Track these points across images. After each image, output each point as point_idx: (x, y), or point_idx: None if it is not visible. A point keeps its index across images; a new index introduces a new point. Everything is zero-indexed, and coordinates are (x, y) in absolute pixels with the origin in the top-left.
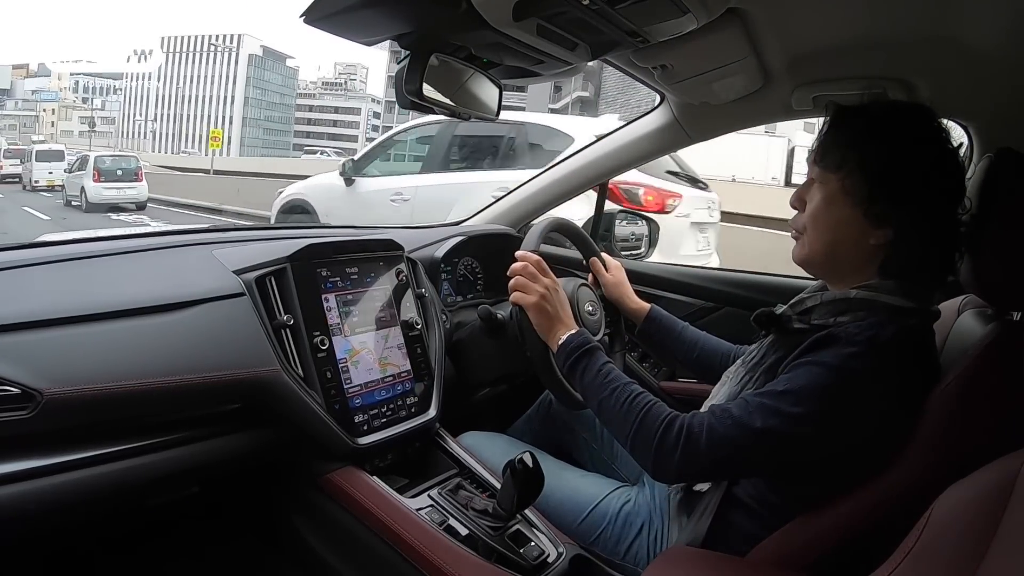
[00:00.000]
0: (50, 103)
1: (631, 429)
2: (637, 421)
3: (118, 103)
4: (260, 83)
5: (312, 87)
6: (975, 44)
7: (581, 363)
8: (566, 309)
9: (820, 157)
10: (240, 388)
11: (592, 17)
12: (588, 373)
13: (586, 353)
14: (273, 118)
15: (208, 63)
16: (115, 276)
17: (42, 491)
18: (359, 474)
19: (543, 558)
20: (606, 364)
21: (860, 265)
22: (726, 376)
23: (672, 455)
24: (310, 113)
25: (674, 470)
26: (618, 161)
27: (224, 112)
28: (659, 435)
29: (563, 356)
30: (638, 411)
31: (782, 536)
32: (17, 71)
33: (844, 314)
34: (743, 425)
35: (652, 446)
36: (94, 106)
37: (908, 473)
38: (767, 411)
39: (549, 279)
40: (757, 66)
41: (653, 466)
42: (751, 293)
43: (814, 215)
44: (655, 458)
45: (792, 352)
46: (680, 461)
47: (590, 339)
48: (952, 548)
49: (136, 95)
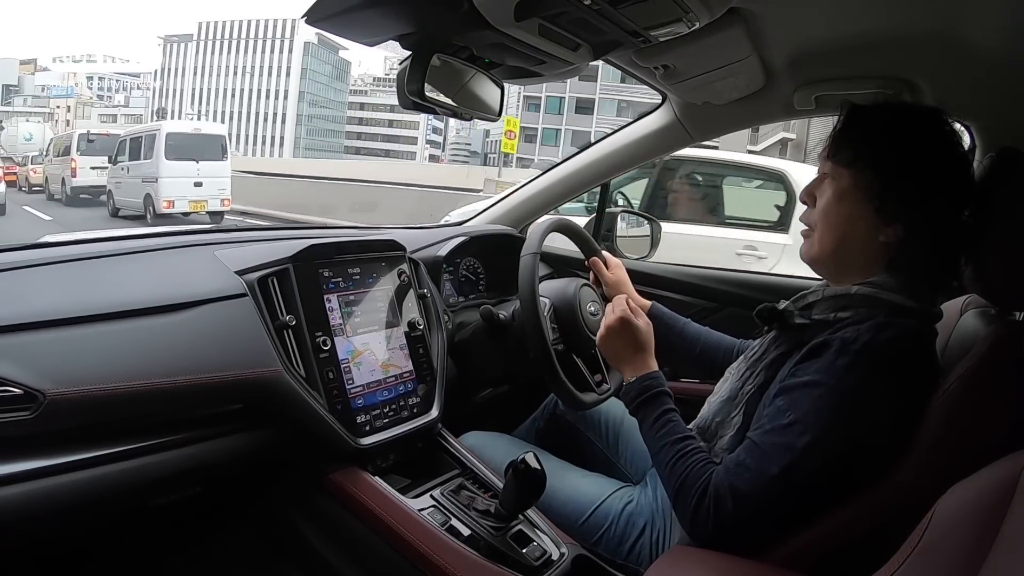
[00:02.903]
0: (64, 99)
1: (673, 492)
2: (677, 487)
3: (144, 99)
4: (315, 76)
5: (362, 83)
6: (978, 44)
7: (640, 412)
8: (636, 344)
9: (833, 152)
10: (242, 388)
11: (594, 17)
12: (645, 424)
13: (644, 403)
14: (326, 116)
15: (254, 53)
16: (117, 277)
17: (45, 492)
18: (361, 474)
19: (545, 558)
20: (662, 416)
21: (867, 263)
22: (728, 372)
23: (706, 525)
24: (361, 112)
25: (711, 537)
26: (619, 161)
27: (274, 108)
28: (694, 506)
29: (626, 401)
30: (679, 476)
31: (784, 535)
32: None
33: (845, 310)
34: (762, 475)
35: (688, 516)
36: (116, 103)
37: (911, 473)
38: (779, 451)
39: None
40: (759, 66)
41: (691, 534)
42: (754, 293)
43: (825, 210)
44: (691, 528)
45: (794, 350)
46: (714, 529)
47: (650, 387)
48: (955, 548)
49: (166, 90)
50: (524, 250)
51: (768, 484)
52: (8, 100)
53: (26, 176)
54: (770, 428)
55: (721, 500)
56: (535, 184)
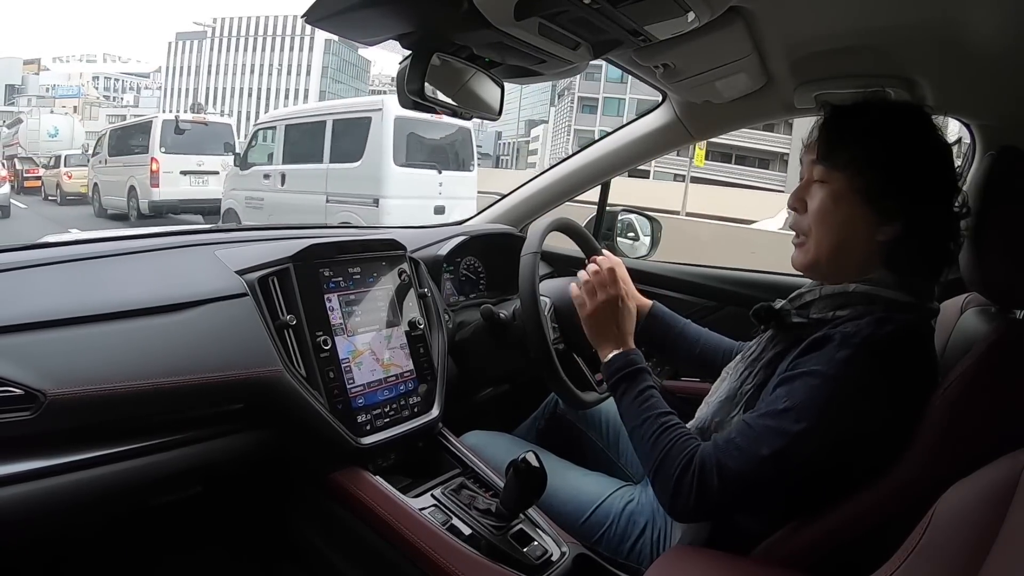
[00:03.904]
0: (70, 99)
1: (653, 465)
2: (659, 459)
3: (155, 99)
4: (336, 75)
5: (379, 83)
6: (978, 43)
7: (622, 385)
8: (624, 325)
9: (825, 155)
10: (243, 388)
11: (594, 16)
12: (627, 396)
13: (628, 376)
14: None
15: (272, 51)
16: (118, 277)
17: (46, 492)
18: (362, 474)
19: (546, 557)
20: (645, 390)
21: (865, 263)
22: (726, 372)
23: (688, 498)
24: None
25: (691, 511)
26: (620, 160)
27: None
28: (676, 477)
29: (607, 373)
30: (662, 448)
31: (785, 535)
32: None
33: (843, 308)
34: (752, 456)
35: (670, 488)
36: (125, 103)
37: (911, 472)
38: (771, 434)
39: (618, 291)
40: (759, 65)
41: (670, 507)
42: (754, 292)
43: (820, 214)
44: (672, 500)
45: (791, 348)
46: (696, 503)
47: (635, 361)
48: (955, 547)
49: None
50: (524, 249)
51: (757, 465)
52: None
53: (57, 182)
54: (765, 412)
55: (707, 474)
56: (535, 183)
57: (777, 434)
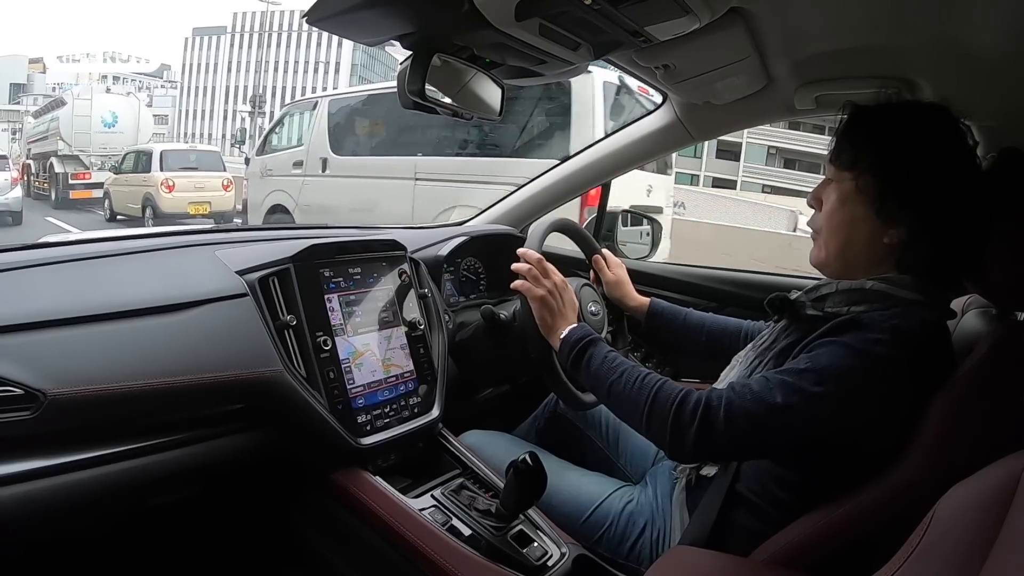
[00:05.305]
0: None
1: (645, 406)
2: (651, 398)
3: (170, 97)
4: (366, 73)
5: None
6: (980, 45)
7: (586, 353)
8: (567, 310)
9: (835, 156)
10: (243, 388)
11: (594, 17)
12: (593, 362)
13: (589, 343)
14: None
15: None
16: (118, 277)
17: (45, 492)
18: (362, 474)
19: (546, 558)
20: (611, 352)
21: (874, 264)
22: (735, 360)
23: (689, 429)
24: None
25: (691, 445)
26: (620, 161)
27: None
28: (675, 409)
29: (567, 350)
30: (651, 387)
31: (785, 535)
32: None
33: (859, 304)
34: (763, 401)
35: (668, 421)
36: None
37: (911, 472)
38: (788, 388)
39: (554, 279)
40: (760, 66)
41: (670, 441)
42: (755, 293)
43: (829, 214)
44: (672, 433)
45: (805, 338)
46: (697, 436)
47: (592, 331)
48: (955, 548)
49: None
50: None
51: (767, 411)
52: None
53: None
54: (784, 369)
55: (712, 408)
56: (536, 184)
57: (793, 390)
